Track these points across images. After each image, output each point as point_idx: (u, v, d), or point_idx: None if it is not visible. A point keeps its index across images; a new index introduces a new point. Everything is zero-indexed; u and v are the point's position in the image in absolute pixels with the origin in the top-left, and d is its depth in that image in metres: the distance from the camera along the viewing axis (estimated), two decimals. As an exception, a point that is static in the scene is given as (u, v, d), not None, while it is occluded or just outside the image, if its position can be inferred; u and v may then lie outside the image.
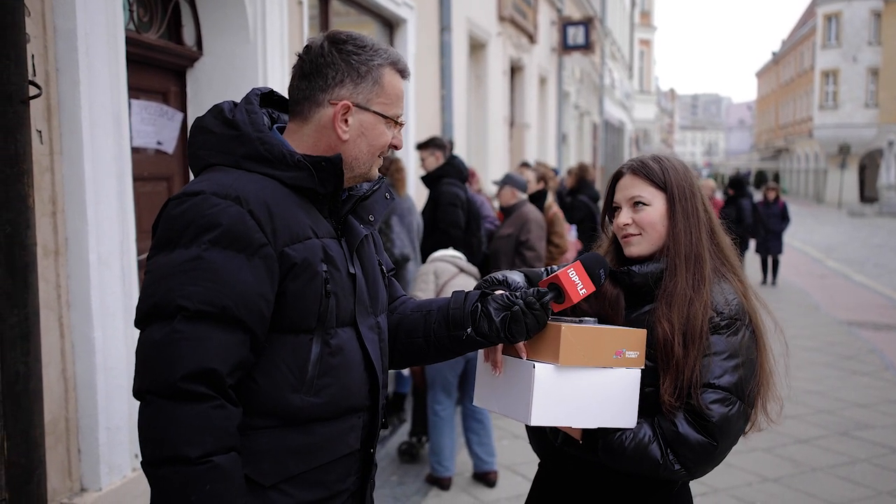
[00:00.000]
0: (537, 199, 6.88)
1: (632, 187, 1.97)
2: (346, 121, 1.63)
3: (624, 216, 1.96)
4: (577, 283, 1.80)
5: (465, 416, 4.71)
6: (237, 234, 1.48)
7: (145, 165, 4.35)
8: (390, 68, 1.66)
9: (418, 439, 5.09)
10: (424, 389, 4.88)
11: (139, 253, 3.92)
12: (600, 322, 1.91)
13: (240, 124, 1.61)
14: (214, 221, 1.48)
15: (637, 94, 39.68)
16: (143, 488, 3.73)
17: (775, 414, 1.97)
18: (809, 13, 49.86)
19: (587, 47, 16.94)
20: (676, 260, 1.90)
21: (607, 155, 28.82)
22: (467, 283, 4.49)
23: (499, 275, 1.92)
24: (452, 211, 5.71)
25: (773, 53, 63.52)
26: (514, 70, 13.42)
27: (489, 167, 10.89)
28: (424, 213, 5.94)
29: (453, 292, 1.88)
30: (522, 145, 13.77)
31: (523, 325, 1.73)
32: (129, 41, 3.82)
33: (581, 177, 8.38)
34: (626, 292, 1.96)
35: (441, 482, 4.61)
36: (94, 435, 3.43)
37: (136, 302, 3.63)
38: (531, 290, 1.78)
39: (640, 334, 1.82)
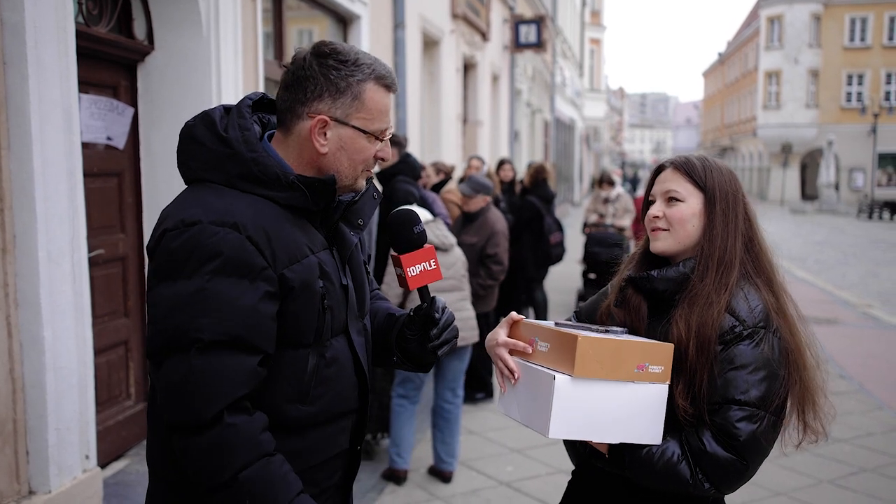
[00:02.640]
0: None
1: (670, 181, 1.93)
2: (324, 134, 1.62)
3: (655, 208, 1.93)
4: (410, 268, 1.74)
5: (433, 412, 4.75)
6: (239, 261, 1.49)
7: (95, 161, 4.27)
8: (374, 83, 1.63)
9: (373, 436, 5.10)
10: (383, 387, 4.89)
11: (90, 250, 3.86)
12: (630, 333, 1.87)
13: (233, 143, 1.59)
14: (216, 250, 1.48)
15: (587, 92, 40.13)
16: (94, 490, 3.67)
17: (822, 431, 1.92)
18: (753, 15, 50.98)
19: (539, 45, 17.07)
20: (709, 262, 1.85)
21: (558, 152, 29.10)
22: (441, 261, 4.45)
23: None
24: (406, 209, 5.72)
25: (719, 54, 64.74)
26: (467, 67, 13.46)
27: (442, 164, 10.91)
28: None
29: (387, 314, 1.91)
30: (475, 143, 13.82)
31: (415, 350, 1.82)
32: (79, 34, 3.75)
33: (536, 177, 8.44)
34: (649, 300, 1.92)
35: (397, 474, 4.64)
36: (44, 436, 3.36)
37: (86, 300, 3.59)
38: (411, 316, 1.84)
39: (667, 348, 1.76)
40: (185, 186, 1.68)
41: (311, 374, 1.62)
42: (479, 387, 6.31)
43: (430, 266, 1.75)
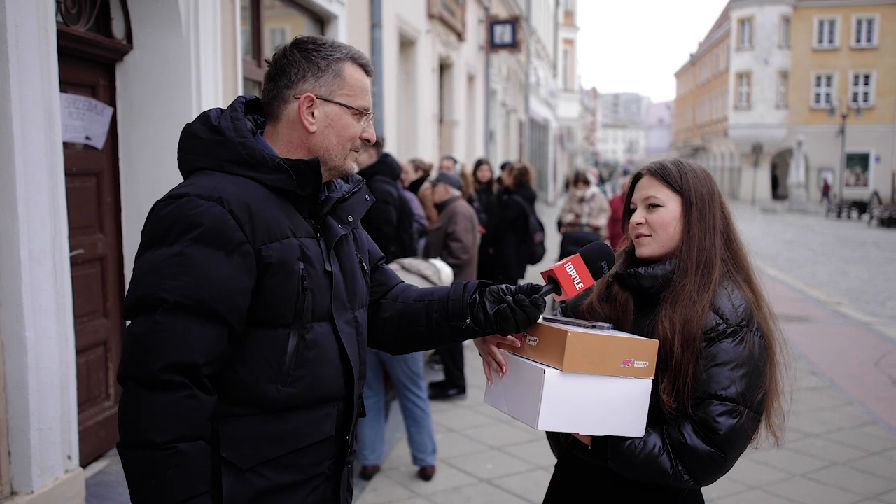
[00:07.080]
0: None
1: (648, 188, 1.98)
2: (312, 113, 1.72)
3: (637, 216, 1.99)
4: (574, 276, 1.82)
5: (402, 411, 4.79)
6: (218, 232, 1.57)
7: (74, 161, 4.25)
8: (351, 62, 1.75)
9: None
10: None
11: (71, 249, 3.84)
12: (616, 328, 1.92)
13: (224, 130, 1.70)
14: (197, 221, 1.57)
15: (561, 92, 40.40)
16: (76, 490, 3.66)
17: (780, 432, 2.00)
18: (724, 17, 51.58)
19: (514, 46, 17.17)
20: (688, 262, 1.91)
21: (533, 152, 29.25)
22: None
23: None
24: (385, 208, 5.76)
25: (691, 55, 65.37)
26: (443, 67, 13.52)
27: (419, 164, 10.95)
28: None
29: (453, 283, 1.98)
30: (451, 142, 13.87)
31: (512, 321, 1.83)
32: (58, 34, 3.73)
33: (520, 179, 8.59)
34: (636, 296, 1.97)
35: (365, 470, 4.71)
36: (26, 436, 3.35)
37: (68, 300, 3.58)
38: (526, 285, 1.86)
39: (651, 344, 1.81)
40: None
41: (292, 354, 1.68)
42: (450, 384, 6.36)
43: (578, 281, 1.86)
